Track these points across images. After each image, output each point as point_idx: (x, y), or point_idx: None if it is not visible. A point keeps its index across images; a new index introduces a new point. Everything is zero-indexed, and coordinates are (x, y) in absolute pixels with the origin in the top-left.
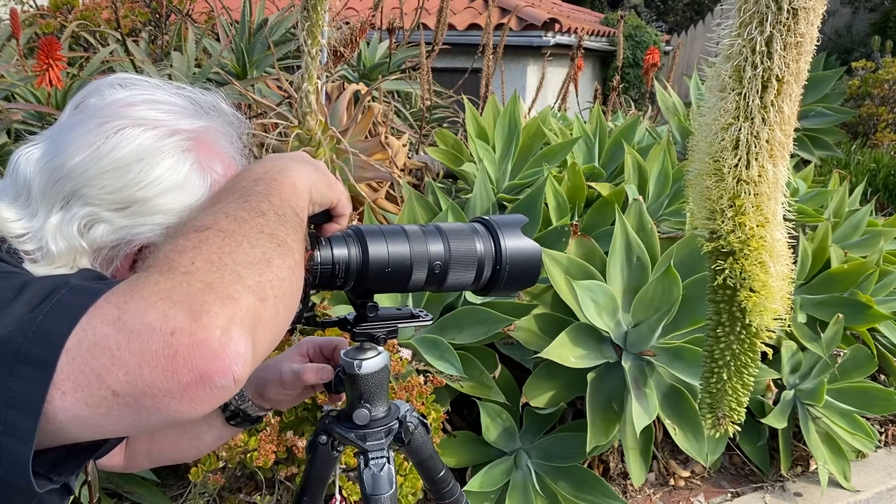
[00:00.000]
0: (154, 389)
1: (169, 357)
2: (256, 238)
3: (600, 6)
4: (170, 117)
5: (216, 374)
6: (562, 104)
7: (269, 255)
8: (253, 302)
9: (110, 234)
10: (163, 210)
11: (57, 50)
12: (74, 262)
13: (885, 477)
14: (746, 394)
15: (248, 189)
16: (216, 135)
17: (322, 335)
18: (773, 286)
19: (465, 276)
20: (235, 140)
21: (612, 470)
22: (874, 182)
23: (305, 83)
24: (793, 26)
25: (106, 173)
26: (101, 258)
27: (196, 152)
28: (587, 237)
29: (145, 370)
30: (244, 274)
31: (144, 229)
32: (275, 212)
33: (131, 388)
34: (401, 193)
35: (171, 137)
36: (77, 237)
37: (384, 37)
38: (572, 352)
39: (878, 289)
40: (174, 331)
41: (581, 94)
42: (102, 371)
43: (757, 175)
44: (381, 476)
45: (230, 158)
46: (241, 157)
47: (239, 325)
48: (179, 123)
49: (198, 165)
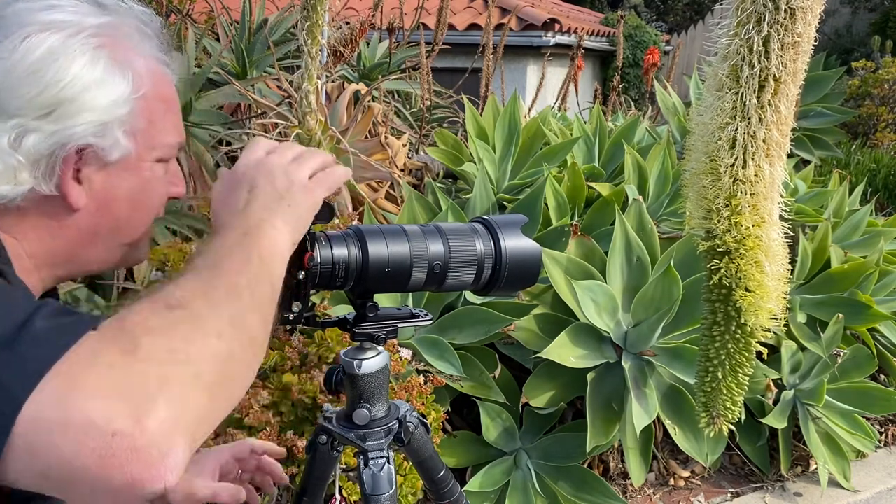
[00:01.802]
0: (83, 481)
1: (105, 458)
2: (227, 328)
3: (600, 6)
4: (74, 17)
5: (149, 482)
6: (562, 104)
7: (234, 350)
8: (204, 402)
9: (43, 142)
10: (89, 108)
11: None
12: (16, 179)
13: (885, 477)
14: (741, 393)
15: (231, 250)
16: (128, 29)
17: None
18: (769, 286)
19: (464, 275)
20: (151, 36)
21: (612, 470)
22: (874, 182)
23: (305, 83)
24: (790, 26)
25: (22, 81)
26: (42, 170)
27: (109, 48)
28: (587, 237)
29: (78, 463)
30: (204, 371)
31: (77, 130)
32: (250, 292)
33: (61, 473)
34: (401, 193)
35: (80, 35)
36: (10, 152)
37: (384, 37)
38: (572, 352)
39: (878, 289)
40: (115, 432)
41: (581, 94)
42: (38, 448)
43: (753, 174)
44: (380, 476)
45: (149, 54)
46: (162, 54)
47: (183, 430)
48: (85, 21)
49: (114, 60)
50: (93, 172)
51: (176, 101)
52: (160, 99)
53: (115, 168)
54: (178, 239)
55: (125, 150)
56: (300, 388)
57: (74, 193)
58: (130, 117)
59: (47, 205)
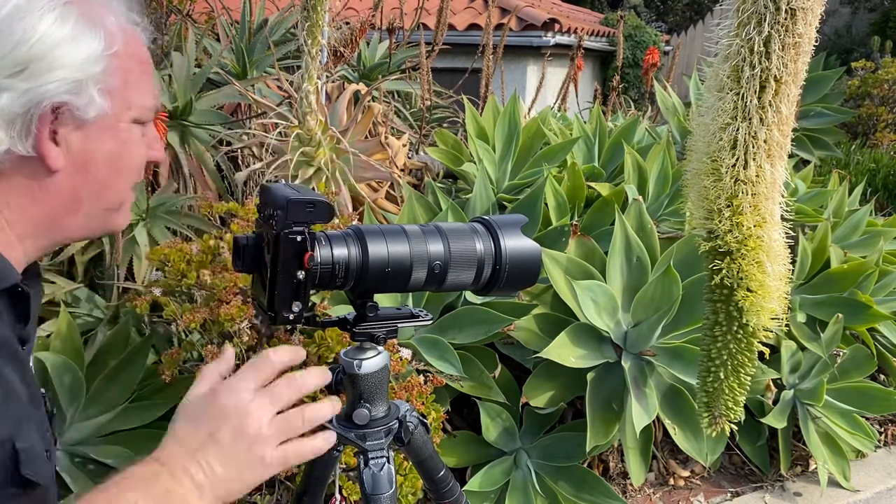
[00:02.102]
0: None
1: None
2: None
3: (600, 6)
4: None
5: None
6: (562, 104)
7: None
8: None
9: (16, 101)
10: (60, 65)
11: None
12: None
13: (884, 477)
14: (743, 393)
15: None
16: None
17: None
18: (770, 286)
19: (464, 275)
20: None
21: (612, 470)
22: (874, 182)
23: (305, 83)
24: (791, 27)
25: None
26: (18, 129)
27: (78, 5)
28: (587, 237)
29: None
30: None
31: (49, 87)
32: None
33: None
34: (401, 193)
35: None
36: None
37: (384, 37)
38: (572, 352)
39: (878, 289)
40: None
41: (581, 94)
42: None
43: (755, 175)
44: (380, 476)
45: (120, 12)
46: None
47: None
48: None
49: (84, 17)
50: (69, 133)
51: (150, 62)
52: (134, 58)
53: (92, 128)
54: (178, 239)
55: (101, 109)
56: None
57: (52, 154)
58: (105, 76)
59: (26, 167)
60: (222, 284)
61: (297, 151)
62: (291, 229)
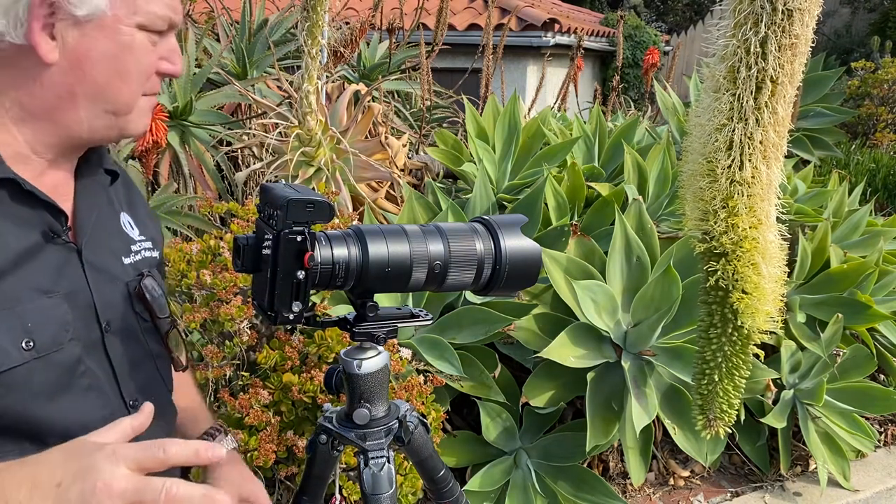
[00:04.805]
0: None
1: None
2: None
3: (600, 6)
4: None
5: None
6: (561, 104)
7: None
8: None
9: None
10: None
11: None
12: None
13: (884, 477)
14: (738, 396)
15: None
16: None
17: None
18: (766, 288)
19: (464, 275)
20: None
21: (612, 469)
22: (873, 182)
23: (305, 83)
24: (787, 27)
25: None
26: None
27: None
28: (587, 237)
29: None
30: None
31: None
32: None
33: None
34: (401, 193)
35: None
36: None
37: (384, 37)
38: (572, 351)
39: (878, 289)
40: None
41: (581, 94)
42: None
43: (750, 176)
44: (381, 476)
45: None
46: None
47: None
48: None
49: None
50: (66, 28)
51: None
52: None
53: (90, 27)
54: (178, 239)
55: (95, 7)
56: (300, 388)
57: (45, 46)
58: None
59: (21, 57)
60: (222, 284)
61: (297, 151)
62: (291, 229)
